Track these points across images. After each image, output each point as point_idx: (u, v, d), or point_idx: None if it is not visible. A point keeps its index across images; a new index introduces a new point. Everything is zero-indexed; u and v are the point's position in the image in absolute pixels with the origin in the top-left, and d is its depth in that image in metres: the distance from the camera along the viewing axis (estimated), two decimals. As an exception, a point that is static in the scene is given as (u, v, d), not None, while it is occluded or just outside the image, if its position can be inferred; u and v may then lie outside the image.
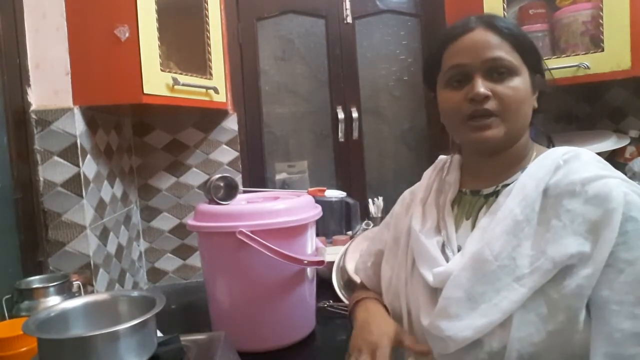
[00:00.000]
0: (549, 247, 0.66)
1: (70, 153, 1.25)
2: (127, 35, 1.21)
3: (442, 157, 0.94)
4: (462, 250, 0.76)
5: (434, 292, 0.76)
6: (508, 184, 0.77)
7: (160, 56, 1.30)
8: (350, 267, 1.36)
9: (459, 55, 0.76)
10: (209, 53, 1.56)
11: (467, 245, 0.76)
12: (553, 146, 0.82)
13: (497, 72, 0.74)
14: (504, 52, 0.74)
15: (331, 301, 1.35)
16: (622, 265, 0.64)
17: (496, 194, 0.77)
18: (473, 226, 0.78)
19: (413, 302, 0.81)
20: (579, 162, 0.71)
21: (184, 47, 1.51)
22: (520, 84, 0.75)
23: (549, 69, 0.82)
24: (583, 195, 0.67)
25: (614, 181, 0.67)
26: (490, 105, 0.74)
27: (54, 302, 0.98)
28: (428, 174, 0.93)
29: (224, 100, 1.65)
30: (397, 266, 0.87)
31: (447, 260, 0.77)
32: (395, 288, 0.86)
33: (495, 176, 0.79)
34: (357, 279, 1.29)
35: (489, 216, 0.75)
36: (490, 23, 0.76)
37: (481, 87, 0.73)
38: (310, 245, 1.21)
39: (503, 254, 0.69)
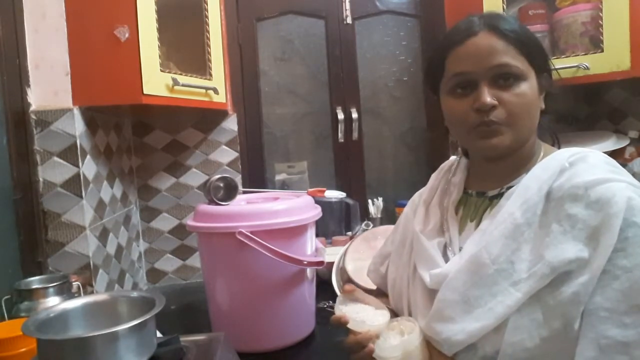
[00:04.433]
0: (548, 252, 0.64)
1: (70, 153, 1.25)
2: (127, 35, 1.21)
3: (451, 158, 0.93)
4: (461, 252, 0.75)
5: (432, 293, 0.76)
6: (512, 186, 0.75)
7: (160, 57, 1.30)
8: (350, 268, 1.36)
9: (463, 63, 0.73)
10: (209, 53, 1.56)
11: (466, 247, 0.75)
12: (558, 145, 0.80)
13: (503, 78, 0.72)
14: (510, 58, 0.71)
15: (331, 301, 1.34)
16: (618, 272, 0.61)
17: (500, 196, 0.76)
18: (477, 228, 0.77)
19: (413, 303, 0.81)
20: (585, 164, 0.69)
21: (184, 48, 1.51)
22: (527, 89, 0.72)
23: (555, 69, 0.80)
24: (585, 200, 0.64)
25: (619, 185, 0.64)
26: (497, 114, 0.71)
27: (53, 303, 0.97)
28: (435, 175, 0.92)
29: (224, 101, 1.65)
30: (402, 267, 0.87)
31: (448, 262, 0.76)
32: (399, 289, 0.86)
33: (502, 178, 0.78)
34: (357, 280, 1.30)
35: (490, 218, 0.74)
36: (495, 26, 0.72)
37: (487, 96, 0.71)
38: (310, 245, 1.21)
39: (501, 257, 0.68)
